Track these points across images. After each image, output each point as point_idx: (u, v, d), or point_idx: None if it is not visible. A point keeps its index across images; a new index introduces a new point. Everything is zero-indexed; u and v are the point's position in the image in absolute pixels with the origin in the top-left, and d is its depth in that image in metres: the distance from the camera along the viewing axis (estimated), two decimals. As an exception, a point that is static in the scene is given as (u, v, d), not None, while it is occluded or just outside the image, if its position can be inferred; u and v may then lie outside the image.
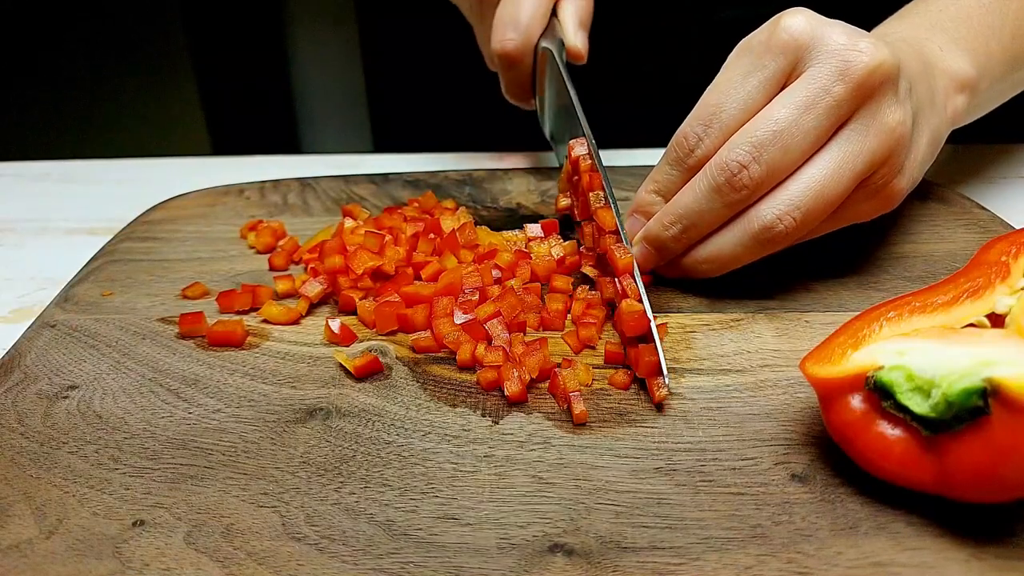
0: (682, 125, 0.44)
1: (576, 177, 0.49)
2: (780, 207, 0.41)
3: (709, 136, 0.43)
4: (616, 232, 0.45)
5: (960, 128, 0.62)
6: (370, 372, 0.42)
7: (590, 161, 0.48)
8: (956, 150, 0.68)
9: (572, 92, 0.51)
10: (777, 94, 0.42)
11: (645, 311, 0.41)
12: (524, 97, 0.60)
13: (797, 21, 0.41)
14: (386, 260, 0.49)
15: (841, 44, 0.40)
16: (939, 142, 0.48)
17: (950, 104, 0.49)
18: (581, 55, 0.56)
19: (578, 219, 0.50)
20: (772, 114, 0.41)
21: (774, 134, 0.40)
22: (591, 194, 0.47)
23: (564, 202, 0.52)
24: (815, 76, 0.40)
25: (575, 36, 0.55)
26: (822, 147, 0.41)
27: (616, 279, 0.43)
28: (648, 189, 0.47)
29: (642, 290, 0.42)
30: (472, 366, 0.42)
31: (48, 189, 0.71)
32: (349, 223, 0.54)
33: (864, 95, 0.41)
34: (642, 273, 0.46)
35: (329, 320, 0.45)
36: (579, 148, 0.49)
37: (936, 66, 0.48)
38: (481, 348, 0.42)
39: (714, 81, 0.44)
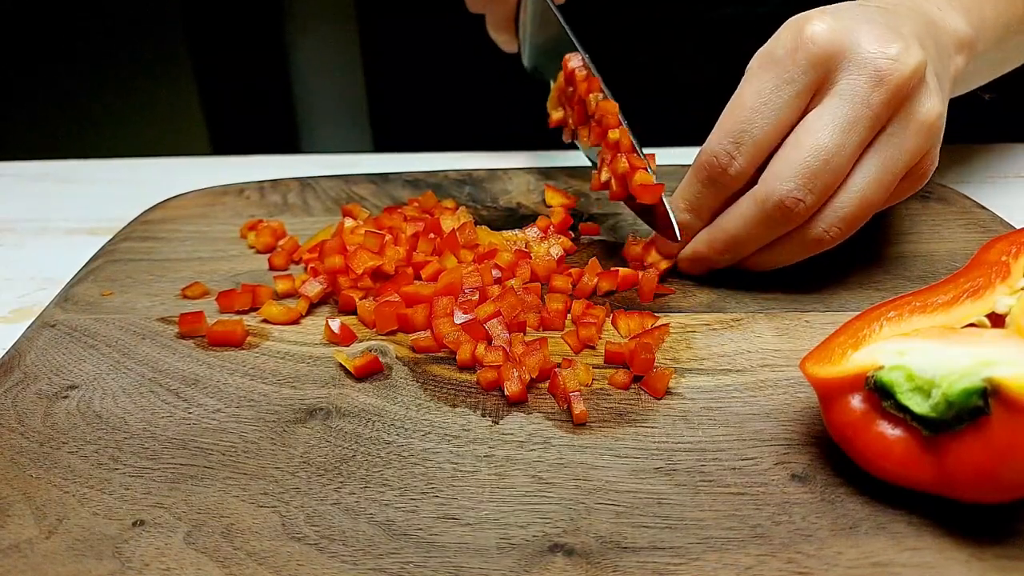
0: (710, 141, 0.43)
1: (571, 88, 0.51)
2: (829, 220, 0.42)
3: (742, 154, 0.42)
4: (620, 125, 0.48)
5: (960, 128, 0.62)
6: (370, 372, 0.42)
7: (586, 71, 0.50)
8: (956, 150, 0.68)
9: (559, 18, 0.53)
10: (808, 106, 0.41)
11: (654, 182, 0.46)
12: (508, 33, 0.61)
13: (822, 29, 0.40)
14: (386, 260, 0.49)
15: (872, 53, 0.40)
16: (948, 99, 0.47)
17: (952, 63, 0.48)
18: None
19: (573, 127, 0.53)
20: (816, 140, 0.40)
21: (824, 162, 0.40)
22: (590, 96, 0.48)
23: (557, 115, 0.54)
24: (852, 91, 0.40)
25: None
26: (863, 153, 0.41)
27: (622, 155, 0.47)
28: (680, 208, 0.46)
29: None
30: (472, 366, 0.42)
31: (48, 189, 0.71)
32: (349, 223, 0.54)
33: (901, 99, 0.40)
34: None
35: (329, 320, 0.45)
36: (574, 60, 0.51)
37: (937, 25, 0.47)
38: (481, 348, 0.42)
39: (738, 94, 0.43)
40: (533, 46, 0.60)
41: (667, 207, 0.47)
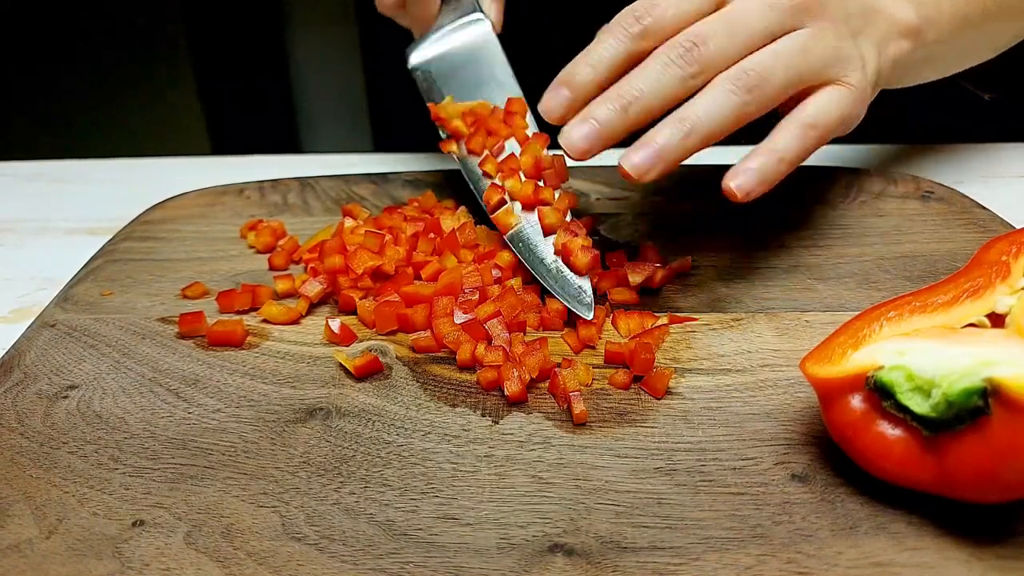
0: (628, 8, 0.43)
1: (503, 127, 0.51)
2: (736, 71, 0.41)
3: (655, 13, 0.42)
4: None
5: (960, 128, 0.62)
6: (370, 372, 0.42)
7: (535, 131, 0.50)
8: (956, 150, 0.68)
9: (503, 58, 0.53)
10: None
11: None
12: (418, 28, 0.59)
13: None
14: (386, 260, 0.49)
15: None
16: (875, 80, 0.48)
17: (892, 46, 0.49)
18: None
19: (471, 151, 0.52)
20: (733, 5, 0.42)
21: (725, 22, 0.41)
22: (542, 152, 0.49)
23: (453, 129, 0.53)
24: None
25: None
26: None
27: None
28: (580, 61, 0.43)
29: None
30: (472, 366, 0.42)
31: (47, 189, 0.71)
32: (349, 223, 0.54)
33: (800, 12, 0.43)
34: (577, 159, 0.43)
35: (329, 320, 0.45)
36: (520, 108, 0.52)
37: (880, 12, 0.48)
38: (481, 348, 0.42)
39: None
40: (443, 57, 0.57)
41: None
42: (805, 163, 0.64)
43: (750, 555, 0.31)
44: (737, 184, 0.41)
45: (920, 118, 0.56)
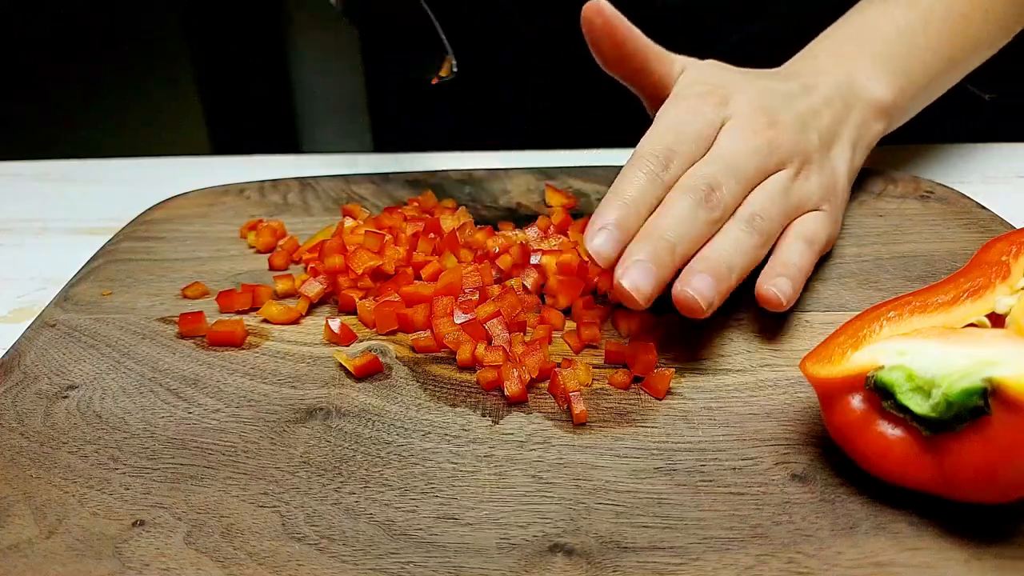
0: (647, 142, 0.44)
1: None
2: (745, 212, 0.44)
3: (679, 154, 0.44)
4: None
5: (961, 128, 0.62)
6: (370, 372, 0.42)
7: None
8: (956, 150, 0.68)
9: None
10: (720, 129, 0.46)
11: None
12: None
13: (721, 91, 0.47)
14: (386, 260, 0.49)
15: (746, 120, 0.46)
16: (855, 170, 0.53)
17: (868, 134, 0.53)
18: None
19: None
20: (729, 145, 0.45)
21: (727, 166, 0.44)
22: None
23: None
24: (737, 136, 0.45)
25: None
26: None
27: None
28: (619, 203, 0.41)
29: None
30: (472, 366, 0.42)
31: (47, 189, 0.71)
32: (349, 223, 0.54)
33: (777, 158, 0.46)
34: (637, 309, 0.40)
35: (329, 320, 0.45)
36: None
37: (859, 97, 0.52)
38: (481, 348, 0.42)
39: (665, 111, 0.46)
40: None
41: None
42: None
43: (750, 555, 0.31)
44: (777, 286, 0.43)
45: (920, 118, 0.56)
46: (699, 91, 0.47)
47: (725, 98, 0.46)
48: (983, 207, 0.56)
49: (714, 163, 0.44)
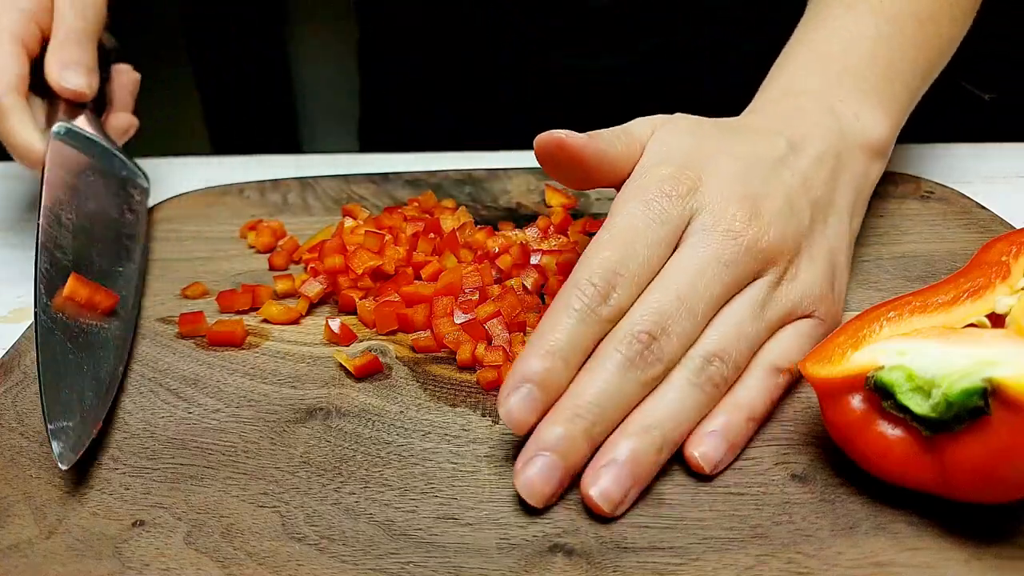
0: (580, 273, 0.36)
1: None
2: (691, 363, 0.36)
3: (622, 287, 0.36)
4: None
5: (961, 128, 0.62)
6: (370, 372, 0.42)
7: None
8: (956, 150, 0.68)
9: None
10: (678, 244, 0.38)
11: None
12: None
13: (690, 174, 0.39)
14: (386, 260, 0.49)
15: (723, 213, 0.38)
16: (855, 233, 0.46)
17: (867, 183, 0.46)
18: (77, 93, 0.53)
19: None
20: (671, 281, 0.37)
21: (678, 300, 0.36)
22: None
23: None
24: (704, 240, 0.37)
25: (55, 74, 0.52)
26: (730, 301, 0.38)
27: None
28: (542, 353, 0.35)
29: None
30: (472, 366, 0.42)
31: (48, 189, 0.71)
32: (349, 223, 0.54)
33: (762, 261, 0.38)
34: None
35: (329, 320, 0.45)
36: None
37: (851, 142, 0.45)
38: (481, 348, 0.42)
39: (609, 225, 0.38)
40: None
41: None
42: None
43: (750, 555, 0.31)
44: (702, 453, 0.35)
45: (920, 118, 0.56)
46: (662, 177, 0.38)
47: (694, 184, 0.38)
48: (983, 207, 0.56)
49: (664, 292, 0.36)
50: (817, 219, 0.41)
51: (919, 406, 0.31)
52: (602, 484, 0.33)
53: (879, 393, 0.32)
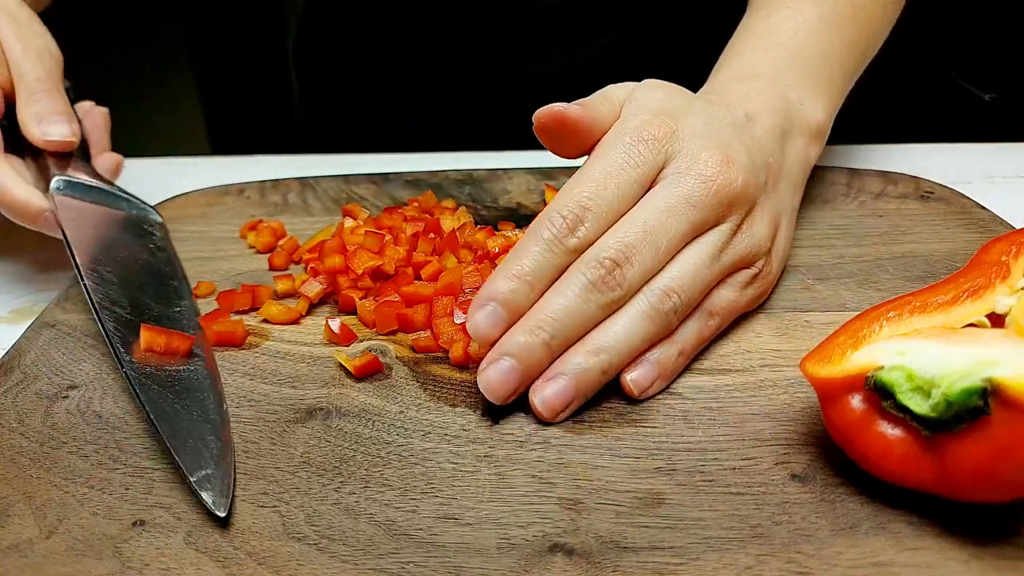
0: (555, 205, 0.39)
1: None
2: (651, 294, 0.39)
3: (589, 220, 0.39)
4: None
5: (961, 128, 0.62)
6: (370, 372, 0.42)
7: None
8: (956, 150, 0.68)
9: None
10: (649, 187, 0.41)
11: None
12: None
13: (666, 127, 0.41)
14: (386, 260, 0.49)
15: (696, 159, 0.41)
16: (796, 207, 0.49)
17: (808, 164, 0.50)
18: (63, 143, 0.51)
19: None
20: (640, 216, 0.39)
21: (644, 234, 0.39)
22: None
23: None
24: (677, 182, 0.40)
25: (35, 129, 0.51)
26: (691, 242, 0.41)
27: None
28: (510, 274, 0.38)
29: None
30: (466, 364, 0.42)
31: (48, 189, 0.71)
32: (349, 223, 0.54)
33: (727, 205, 0.41)
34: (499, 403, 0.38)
35: (329, 320, 0.45)
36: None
37: (796, 123, 0.48)
38: (474, 346, 0.42)
39: (587, 166, 0.41)
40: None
41: None
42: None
43: (750, 555, 0.31)
44: (633, 378, 0.39)
45: (920, 118, 0.56)
46: (639, 123, 0.41)
47: (671, 129, 0.41)
48: (983, 207, 0.56)
49: (632, 225, 0.39)
50: (770, 182, 0.44)
51: (919, 406, 0.31)
52: (546, 393, 0.37)
53: (879, 393, 0.32)
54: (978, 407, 0.29)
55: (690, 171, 0.40)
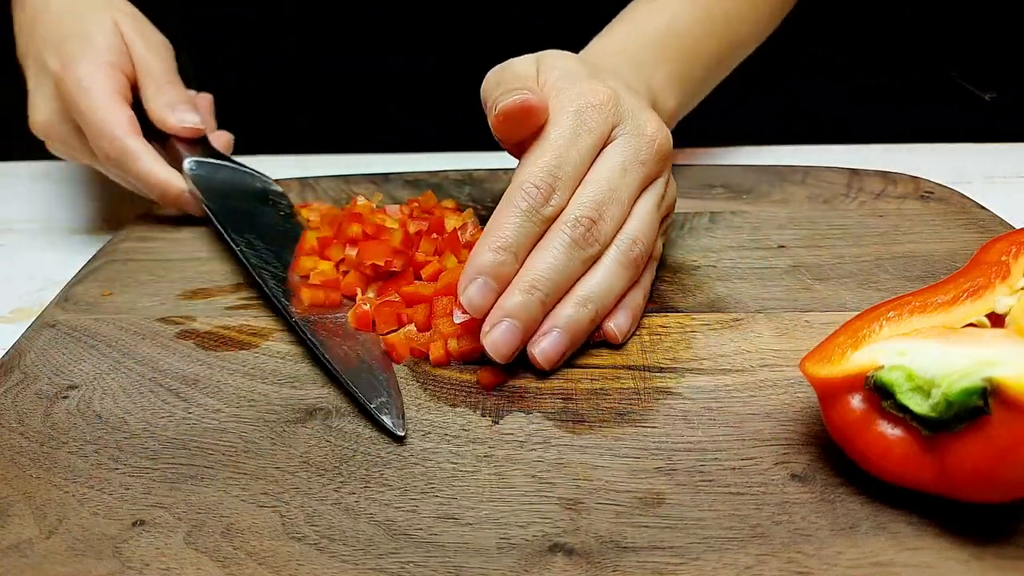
0: (526, 175, 0.42)
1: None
2: (623, 241, 0.43)
3: (561, 186, 0.42)
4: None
5: (961, 128, 0.62)
6: (370, 372, 0.42)
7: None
8: (956, 150, 0.68)
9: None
10: (601, 149, 0.44)
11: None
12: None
13: (605, 94, 0.44)
14: (393, 246, 0.48)
15: (641, 120, 0.45)
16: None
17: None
18: (195, 130, 0.57)
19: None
20: (604, 175, 0.43)
21: (610, 192, 0.43)
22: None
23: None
24: (627, 145, 0.44)
25: (171, 118, 0.57)
26: (640, 196, 0.45)
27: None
28: (495, 247, 0.41)
29: None
30: (447, 362, 0.43)
31: (48, 189, 0.71)
32: (361, 200, 0.55)
33: (662, 159, 0.46)
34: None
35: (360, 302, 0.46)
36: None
37: (655, 107, 0.52)
38: (453, 343, 0.42)
39: (547, 134, 0.43)
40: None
41: None
42: (804, 163, 0.64)
43: (750, 555, 0.31)
44: (616, 324, 0.43)
45: (920, 118, 0.56)
46: (580, 92, 0.44)
47: (610, 94, 0.44)
48: (983, 207, 0.56)
49: (597, 185, 0.43)
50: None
51: (919, 406, 0.31)
52: (543, 346, 0.41)
53: (879, 393, 0.32)
54: (978, 407, 0.29)
55: (635, 133, 0.44)
